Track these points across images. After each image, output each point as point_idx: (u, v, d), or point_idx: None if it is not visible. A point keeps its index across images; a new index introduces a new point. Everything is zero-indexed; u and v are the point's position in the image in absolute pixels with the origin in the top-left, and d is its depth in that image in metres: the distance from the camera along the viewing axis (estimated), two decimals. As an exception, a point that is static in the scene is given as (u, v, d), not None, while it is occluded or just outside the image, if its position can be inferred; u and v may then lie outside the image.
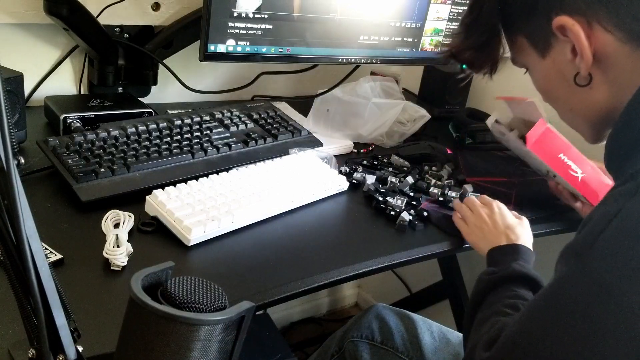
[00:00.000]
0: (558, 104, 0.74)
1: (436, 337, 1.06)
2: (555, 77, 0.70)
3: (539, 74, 0.73)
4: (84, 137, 0.98)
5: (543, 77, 0.73)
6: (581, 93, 0.68)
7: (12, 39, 1.17)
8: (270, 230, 0.92)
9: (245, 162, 1.04)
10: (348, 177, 1.09)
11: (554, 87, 0.72)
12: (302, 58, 1.19)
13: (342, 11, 1.16)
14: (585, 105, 0.69)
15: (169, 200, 0.86)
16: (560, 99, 0.73)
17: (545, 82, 0.73)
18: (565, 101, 0.72)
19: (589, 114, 0.70)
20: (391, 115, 1.29)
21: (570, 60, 0.66)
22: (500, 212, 0.95)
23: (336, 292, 2.15)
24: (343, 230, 0.97)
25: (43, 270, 0.47)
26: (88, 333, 0.58)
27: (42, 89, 1.23)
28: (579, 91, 0.68)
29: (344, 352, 1.09)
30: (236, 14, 1.05)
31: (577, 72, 0.66)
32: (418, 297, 1.84)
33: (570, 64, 0.66)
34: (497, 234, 0.91)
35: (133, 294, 0.46)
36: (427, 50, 1.32)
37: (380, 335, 1.07)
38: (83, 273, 0.74)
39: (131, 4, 1.20)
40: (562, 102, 0.73)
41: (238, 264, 0.83)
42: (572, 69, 0.67)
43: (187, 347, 0.47)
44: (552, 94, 0.74)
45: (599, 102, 0.67)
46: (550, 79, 0.71)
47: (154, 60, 1.27)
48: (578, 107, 0.71)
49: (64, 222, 0.84)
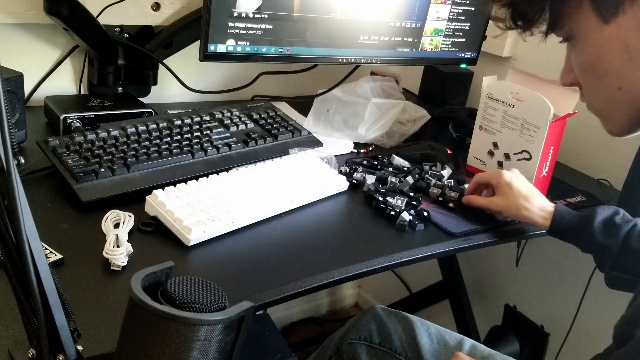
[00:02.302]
0: (603, 81, 0.65)
1: (434, 338, 1.06)
2: (613, 48, 0.62)
3: (592, 43, 0.64)
4: (84, 137, 0.98)
5: (598, 47, 0.63)
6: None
7: (12, 39, 1.17)
8: (270, 230, 0.92)
9: (245, 162, 1.04)
10: (348, 177, 1.09)
11: (607, 59, 0.63)
12: (302, 58, 1.19)
13: (342, 11, 1.16)
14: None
15: (169, 200, 0.86)
16: (611, 74, 0.64)
17: (599, 53, 0.63)
18: (617, 77, 0.63)
19: (639, 96, 0.63)
20: (391, 115, 1.29)
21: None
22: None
23: (336, 292, 2.15)
24: (343, 230, 0.97)
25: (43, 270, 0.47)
26: (88, 333, 0.58)
27: (42, 89, 1.23)
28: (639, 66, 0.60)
29: (342, 354, 1.08)
30: (236, 14, 1.05)
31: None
32: (418, 297, 1.83)
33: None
34: None
35: (133, 294, 0.46)
36: (427, 50, 1.32)
37: (378, 337, 1.07)
38: (83, 273, 0.74)
39: (131, 4, 1.20)
40: (611, 78, 0.64)
41: (238, 264, 0.83)
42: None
43: (187, 347, 0.47)
44: (602, 68, 0.64)
45: None
46: (605, 49, 0.62)
47: (154, 60, 1.27)
48: (630, 86, 0.63)
49: (64, 222, 0.84)
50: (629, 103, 0.64)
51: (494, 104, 1.17)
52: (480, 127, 1.21)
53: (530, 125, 1.10)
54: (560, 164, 1.34)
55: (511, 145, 1.15)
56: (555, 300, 1.47)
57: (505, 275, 1.60)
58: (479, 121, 1.21)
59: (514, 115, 1.13)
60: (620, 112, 0.66)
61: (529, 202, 0.99)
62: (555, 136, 1.11)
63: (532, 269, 1.51)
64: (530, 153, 1.12)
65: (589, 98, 0.70)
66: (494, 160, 1.19)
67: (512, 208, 0.99)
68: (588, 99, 0.70)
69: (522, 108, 1.12)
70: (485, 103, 1.19)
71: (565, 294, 1.42)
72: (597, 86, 0.67)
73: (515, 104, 1.13)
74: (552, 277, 1.47)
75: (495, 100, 1.16)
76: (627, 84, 0.63)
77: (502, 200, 1.00)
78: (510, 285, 1.59)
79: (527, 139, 1.12)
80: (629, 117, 0.66)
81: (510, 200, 0.99)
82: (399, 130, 1.31)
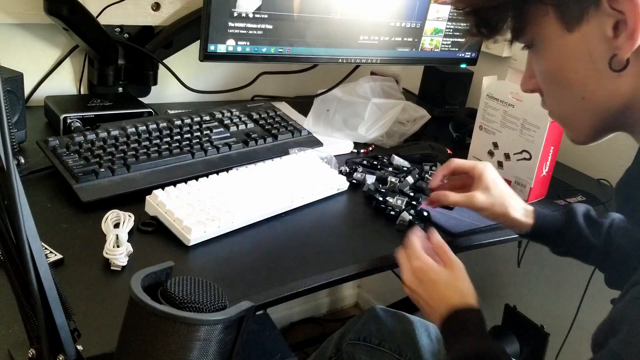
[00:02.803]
0: (566, 90, 0.63)
1: (433, 338, 1.06)
2: (577, 57, 0.60)
3: (555, 51, 0.61)
4: (84, 137, 0.98)
5: (561, 55, 0.61)
6: (605, 79, 0.58)
7: (12, 39, 1.17)
8: (270, 230, 0.92)
9: (245, 162, 1.04)
10: (348, 177, 1.09)
11: (570, 68, 0.61)
12: (302, 58, 1.19)
13: (342, 11, 1.16)
14: (605, 93, 0.60)
15: (169, 200, 0.86)
16: (574, 83, 0.61)
17: (562, 62, 0.61)
18: (580, 87, 0.61)
19: (602, 106, 0.61)
20: (391, 115, 1.29)
21: (607, 38, 0.56)
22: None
23: (336, 292, 2.15)
24: (343, 230, 0.97)
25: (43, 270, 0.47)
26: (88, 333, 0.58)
27: (42, 89, 1.23)
28: (604, 77, 0.58)
29: (342, 354, 1.08)
30: (236, 14, 1.05)
31: (612, 54, 0.57)
32: (418, 297, 1.83)
33: (605, 42, 0.57)
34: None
35: (133, 294, 0.46)
36: (427, 50, 1.32)
37: (377, 337, 1.06)
38: (83, 273, 0.74)
39: (131, 4, 1.20)
40: (574, 87, 0.62)
41: (238, 264, 0.83)
42: (605, 49, 0.57)
43: (187, 347, 0.47)
44: (565, 77, 0.62)
45: (621, 94, 0.59)
46: (569, 58, 0.60)
47: (154, 60, 1.27)
48: (593, 96, 0.61)
49: (64, 222, 0.84)
50: (592, 113, 0.63)
51: (494, 104, 1.17)
52: (480, 127, 1.21)
53: (530, 125, 1.10)
54: (560, 164, 1.34)
55: (511, 145, 1.15)
56: (555, 300, 1.47)
57: (505, 275, 1.60)
58: (479, 121, 1.21)
59: (514, 115, 1.13)
60: (584, 122, 0.65)
61: (515, 200, 0.92)
62: (555, 136, 1.11)
63: (532, 269, 1.51)
64: (530, 153, 1.12)
65: (550, 106, 0.68)
66: (494, 160, 1.19)
67: (497, 206, 0.91)
68: (549, 107, 0.69)
69: (522, 108, 1.12)
70: (485, 103, 1.19)
71: (565, 294, 1.42)
72: (560, 94, 0.65)
73: (515, 104, 1.13)
74: (552, 277, 1.47)
75: (495, 100, 1.16)
76: (590, 94, 0.61)
77: (487, 198, 0.90)
78: (510, 285, 1.59)
79: (527, 139, 1.12)
80: (592, 126, 0.64)
81: (496, 197, 0.91)
82: (399, 130, 1.31)
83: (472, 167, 0.94)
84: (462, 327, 0.75)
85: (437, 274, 0.82)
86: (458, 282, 0.81)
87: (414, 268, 0.83)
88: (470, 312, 0.77)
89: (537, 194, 1.16)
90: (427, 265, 0.83)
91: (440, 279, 0.81)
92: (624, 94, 0.58)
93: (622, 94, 0.59)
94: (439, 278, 0.81)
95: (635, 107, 0.59)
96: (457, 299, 0.78)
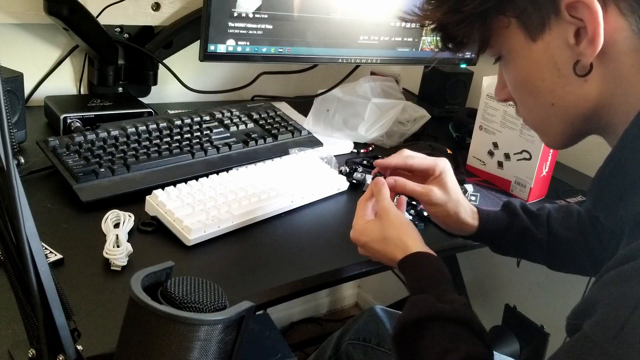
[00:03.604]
0: (536, 98, 0.64)
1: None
2: (543, 65, 0.61)
3: (522, 61, 0.63)
4: (84, 137, 0.98)
5: (528, 65, 0.63)
6: (572, 85, 0.60)
7: (12, 39, 1.17)
8: (270, 230, 0.92)
9: (245, 162, 1.04)
10: (348, 177, 1.09)
11: (538, 76, 0.62)
12: (302, 58, 1.19)
13: (342, 11, 1.16)
14: (573, 99, 0.61)
15: (169, 200, 0.86)
16: (542, 91, 0.63)
17: (529, 71, 0.63)
18: (549, 94, 0.62)
19: (572, 111, 0.62)
20: (391, 115, 1.29)
21: (570, 45, 0.58)
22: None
23: (336, 292, 2.15)
24: (343, 230, 0.96)
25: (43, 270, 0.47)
26: (88, 333, 0.58)
27: (42, 89, 1.23)
28: (570, 83, 0.60)
29: (341, 354, 1.08)
30: (236, 14, 1.05)
31: (576, 60, 0.58)
32: (418, 297, 1.83)
33: (568, 49, 0.58)
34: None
35: (133, 294, 0.46)
36: (427, 50, 1.32)
37: (377, 337, 1.06)
38: (83, 273, 0.74)
39: (131, 4, 1.20)
40: (543, 95, 0.63)
41: (238, 264, 0.83)
42: (568, 55, 0.59)
43: (187, 347, 0.47)
44: (533, 85, 0.63)
45: (589, 98, 0.60)
46: (535, 66, 0.62)
47: (154, 60, 1.27)
48: (562, 102, 0.62)
49: (64, 222, 0.84)
50: (562, 118, 0.64)
51: (494, 104, 1.17)
52: (480, 127, 1.21)
53: None
54: (560, 164, 1.34)
55: (511, 145, 1.15)
56: (555, 300, 1.47)
57: (505, 275, 1.60)
58: (479, 121, 1.21)
59: (514, 115, 1.13)
60: (555, 127, 0.66)
61: (466, 203, 0.90)
62: None
63: (532, 269, 1.50)
64: (530, 153, 1.12)
65: (523, 113, 0.69)
66: (494, 160, 1.19)
67: (450, 204, 0.88)
68: (523, 114, 0.70)
69: None
70: (485, 103, 1.19)
71: (565, 294, 1.42)
72: (530, 102, 0.66)
73: None
74: (552, 277, 1.46)
75: (495, 100, 1.16)
76: (559, 100, 0.62)
77: (443, 195, 0.88)
78: (510, 285, 1.59)
79: (527, 138, 1.12)
80: (563, 131, 0.65)
81: (452, 196, 0.88)
82: (399, 130, 1.31)
83: (434, 164, 0.90)
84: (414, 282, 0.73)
85: (367, 234, 0.80)
86: (389, 233, 0.78)
87: (353, 240, 0.82)
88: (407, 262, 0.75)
89: (537, 194, 1.16)
90: (356, 230, 0.82)
91: (372, 238, 0.80)
92: (591, 98, 0.60)
93: (590, 98, 0.60)
94: (369, 238, 0.80)
95: (604, 111, 0.60)
96: (397, 252, 0.76)
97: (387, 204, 0.81)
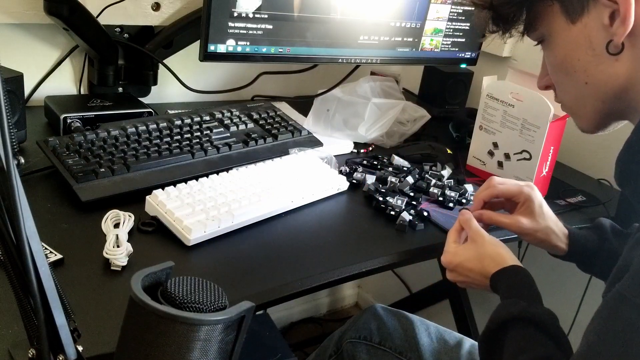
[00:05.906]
0: (572, 77, 0.71)
1: (434, 337, 1.06)
2: (580, 45, 0.67)
3: (562, 42, 0.70)
4: (84, 137, 0.98)
5: (566, 45, 0.69)
6: (605, 64, 0.66)
7: (12, 39, 1.17)
8: (270, 230, 0.92)
9: (245, 162, 1.04)
10: (348, 177, 1.09)
11: (575, 56, 0.69)
12: (302, 58, 1.19)
13: (342, 11, 1.16)
14: (605, 77, 0.67)
15: (169, 200, 0.86)
16: (578, 70, 0.69)
17: (568, 51, 0.69)
18: (583, 72, 0.69)
19: (604, 89, 0.68)
20: (391, 115, 1.29)
21: (605, 26, 0.64)
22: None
23: (336, 292, 2.15)
24: (343, 230, 0.97)
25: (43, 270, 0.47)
26: (88, 333, 0.58)
27: (42, 89, 1.23)
28: (603, 61, 0.66)
29: (342, 352, 1.08)
30: (236, 14, 1.05)
31: (609, 40, 0.64)
32: (418, 297, 1.83)
33: (603, 30, 0.65)
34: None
35: (133, 294, 0.46)
36: (427, 50, 1.32)
37: (378, 335, 1.07)
38: (83, 273, 0.74)
39: (131, 4, 1.20)
40: (579, 73, 0.69)
41: (238, 264, 0.83)
42: (603, 36, 0.65)
43: (187, 347, 0.47)
44: (570, 64, 0.70)
45: (619, 76, 0.66)
46: (573, 47, 0.68)
47: (154, 60, 1.27)
48: (595, 80, 0.68)
49: (64, 222, 0.84)
50: (595, 96, 0.70)
51: (494, 104, 1.17)
52: (480, 127, 1.21)
53: (530, 125, 1.10)
54: (560, 164, 1.34)
55: (511, 145, 1.15)
56: (555, 300, 1.47)
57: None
58: (479, 121, 1.21)
59: (514, 115, 1.13)
60: (588, 107, 0.72)
61: (557, 226, 0.91)
62: (555, 136, 1.11)
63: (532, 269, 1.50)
64: (530, 153, 1.12)
65: (561, 96, 0.75)
66: (494, 160, 1.19)
67: (540, 232, 0.89)
68: (560, 98, 0.76)
69: (522, 108, 1.12)
70: (485, 103, 1.19)
71: (565, 294, 1.42)
72: (566, 83, 0.73)
73: (515, 104, 1.13)
74: (552, 277, 1.47)
75: (495, 100, 1.16)
76: (592, 79, 0.69)
77: (530, 223, 0.88)
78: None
79: (527, 139, 1.12)
80: (596, 110, 0.71)
81: (540, 223, 0.89)
82: (399, 130, 1.31)
83: (518, 192, 0.90)
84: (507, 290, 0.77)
85: (461, 255, 0.84)
86: (485, 250, 0.82)
87: (445, 263, 0.86)
88: (503, 274, 0.79)
89: (537, 194, 1.15)
90: (449, 253, 0.86)
91: (466, 258, 0.83)
92: (622, 75, 0.66)
93: (620, 75, 0.66)
94: (464, 258, 0.83)
95: (633, 89, 0.66)
96: (492, 266, 0.80)
97: (480, 229, 0.86)
